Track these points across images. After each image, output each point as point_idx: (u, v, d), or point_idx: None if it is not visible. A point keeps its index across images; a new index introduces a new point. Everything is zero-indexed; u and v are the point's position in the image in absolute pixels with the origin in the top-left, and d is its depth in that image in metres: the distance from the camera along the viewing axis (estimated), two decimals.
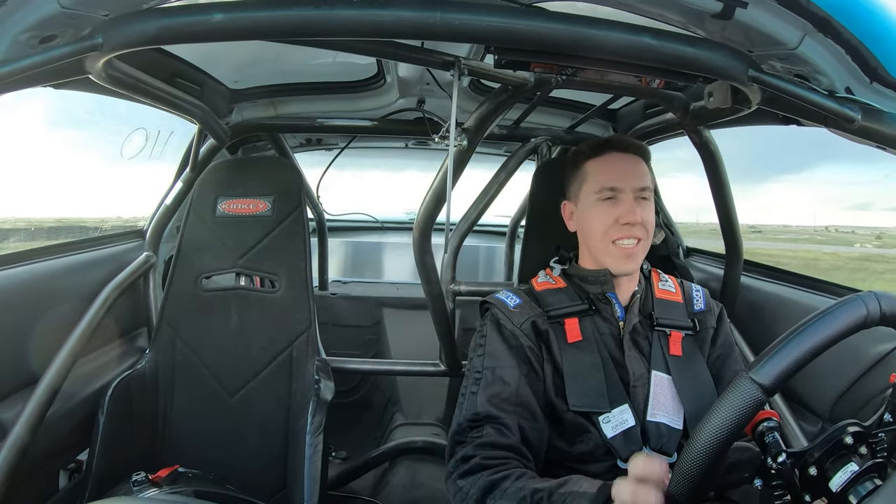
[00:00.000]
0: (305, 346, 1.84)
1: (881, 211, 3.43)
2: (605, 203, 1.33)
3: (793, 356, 0.79)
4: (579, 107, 2.09)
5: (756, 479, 0.85)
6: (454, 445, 1.21)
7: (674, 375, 1.29)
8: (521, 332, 1.30)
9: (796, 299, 1.67)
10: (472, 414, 1.21)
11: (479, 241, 3.58)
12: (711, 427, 0.79)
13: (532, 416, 1.22)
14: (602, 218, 1.32)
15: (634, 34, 0.92)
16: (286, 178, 1.96)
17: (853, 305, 0.81)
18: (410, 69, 1.72)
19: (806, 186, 3.42)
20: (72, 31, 0.89)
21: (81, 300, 1.63)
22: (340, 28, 0.89)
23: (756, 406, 0.77)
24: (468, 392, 1.26)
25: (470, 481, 1.11)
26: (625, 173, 1.33)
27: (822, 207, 3.64)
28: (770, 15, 0.85)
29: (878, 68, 0.88)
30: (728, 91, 1.17)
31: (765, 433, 0.85)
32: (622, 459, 1.20)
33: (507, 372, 1.25)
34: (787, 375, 0.78)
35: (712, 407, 0.81)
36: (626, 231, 1.30)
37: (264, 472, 1.78)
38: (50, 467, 1.58)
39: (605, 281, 1.34)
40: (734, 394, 0.78)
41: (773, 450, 0.84)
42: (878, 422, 0.84)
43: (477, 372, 1.28)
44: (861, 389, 1.39)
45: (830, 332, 0.80)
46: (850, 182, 3.03)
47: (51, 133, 2.24)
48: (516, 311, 1.34)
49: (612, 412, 1.23)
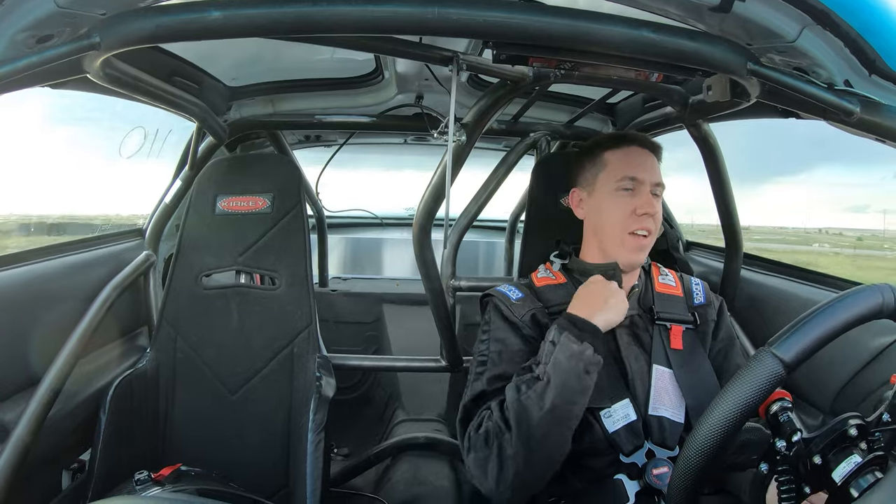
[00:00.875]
0: (306, 343, 1.84)
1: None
2: (624, 193, 1.34)
3: (814, 334, 0.78)
4: (578, 101, 2.09)
5: (762, 463, 0.85)
6: (464, 424, 1.26)
7: (675, 369, 1.29)
8: (522, 324, 1.32)
9: (796, 293, 1.67)
10: (478, 392, 1.26)
11: (479, 237, 3.59)
12: (729, 399, 0.78)
13: None
14: (621, 207, 1.33)
15: (633, 28, 0.92)
16: (285, 175, 1.96)
17: (871, 293, 0.81)
18: (409, 65, 1.72)
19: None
20: (69, 30, 0.88)
21: (82, 300, 1.63)
22: (338, 24, 0.88)
23: (776, 381, 0.77)
24: (474, 374, 1.31)
25: (485, 425, 1.18)
26: (645, 166, 1.35)
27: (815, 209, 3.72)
28: (768, 7, 0.85)
29: (876, 60, 0.88)
30: (727, 84, 1.17)
31: (779, 412, 0.85)
32: (624, 454, 1.21)
33: (511, 354, 1.29)
34: (807, 353, 0.78)
35: (731, 380, 0.80)
36: (642, 222, 1.32)
37: (266, 470, 1.78)
38: (52, 467, 1.59)
39: (613, 274, 1.34)
40: (755, 367, 0.78)
41: (788, 429, 0.83)
42: (877, 420, 0.84)
43: (482, 355, 1.31)
44: (862, 382, 1.39)
45: (850, 315, 0.80)
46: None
47: (51, 132, 2.24)
48: (518, 303, 1.35)
49: (612, 407, 1.23)
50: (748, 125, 1.61)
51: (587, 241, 1.44)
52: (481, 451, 1.16)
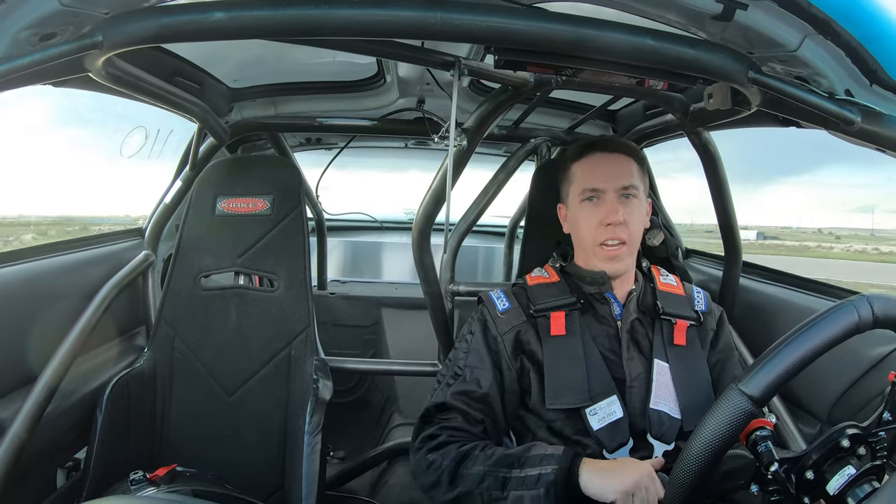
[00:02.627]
0: (304, 346, 1.84)
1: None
2: (588, 204, 1.33)
3: (782, 367, 0.80)
4: (579, 108, 2.09)
5: (752, 484, 0.86)
6: (422, 424, 1.28)
7: (671, 365, 1.30)
8: (501, 341, 1.33)
9: (795, 301, 1.67)
10: (441, 402, 1.29)
11: (479, 242, 3.58)
12: (702, 439, 0.80)
13: (495, 417, 1.30)
14: (588, 220, 1.33)
15: (635, 35, 0.92)
16: (285, 177, 1.96)
17: (844, 312, 0.82)
18: (410, 69, 1.72)
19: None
20: (72, 29, 0.88)
21: (80, 298, 1.63)
22: (341, 27, 0.89)
23: (746, 418, 0.79)
24: (444, 382, 1.33)
25: (441, 454, 1.20)
26: (607, 173, 1.33)
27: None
28: (770, 17, 0.85)
29: (877, 70, 0.88)
30: (728, 92, 1.17)
31: (757, 442, 0.86)
32: (608, 451, 1.21)
33: (483, 376, 1.30)
34: (776, 387, 0.79)
35: (703, 419, 0.83)
36: (611, 232, 1.30)
37: (262, 472, 1.77)
38: (48, 466, 1.58)
39: (603, 282, 1.34)
40: (724, 406, 0.80)
41: (766, 459, 0.85)
42: (878, 420, 0.84)
43: (458, 368, 1.33)
44: (859, 391, 1.39)
45: (821, 341, 0.81)
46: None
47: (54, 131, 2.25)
48: (503, 317, 1.36)
49: (598, 404, 1.24)
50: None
51: (576, 251, 1.44)
52: (421, 468, 1.23)
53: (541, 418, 1.28)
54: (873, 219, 4.43)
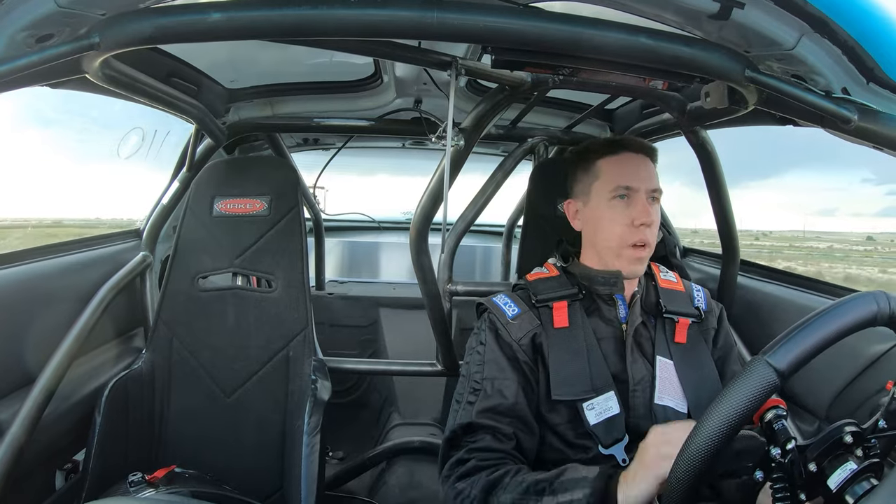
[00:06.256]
0: (302, 346, 1.84)
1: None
2: (619, 202, 1.31)
3: (809, 342, 0.78)
4: (576, 107, 2.09)
5: (757, 470, 0.85)
6: (448, 449, 1.22)
7: (676, 363, 1.29)
8: (518, 347, 1.29)
9: (793, 299, 1.67)
10: (467, 423, 1.22)
11: (476, 241, 3.58)
12: (723, 408, 0.78)
13: (527, 427, 1.23)
14: (617, 218, 1.31)
15: (632, 34, 0.92)
16: (283, 177, 1.95)
17: (865, 301, 0.81)
18: (407, 69, 1.72)
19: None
20: (69, 30, 0.88)
21: (78, 300, 1.63)
22: (337, 28, 0.89)
23: (770, 390, 0.77)
24: (464, 401, 1.26)
25: (469, 482, 1.13)
26: (639, 173, 1.32)
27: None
28: (767, 15, 0.85)
29: (874, 69, 0.88)
30: (725, 91, 1.17)
31: (773, 421, 0.84)
32: (604, 446, 1.20)
33: (506, 385, 1.25)
34: (802, 361, 0.78)
35: (725, 388, 0.80)
36: (641, 234, 1.29)
37: (261, 473, 1.77)
38: (46, 468, 1.58)
39: (616, 283, 1.32)
40: (749, 376, 0.78)
41: (782, 437, 0.83)
42: (873, 427, 0.84)
43: (476, 382, 1.27)
44: (858, 389, 1.39)
45: (844, 323, 0.80)
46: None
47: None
48: (515, 322, 1.32)
49: (596, 399, 1.23)
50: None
51: (586, 250, 1.42)
52: (450, 498, 1.16)
53: (545, 422, 1.26)
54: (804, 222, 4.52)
